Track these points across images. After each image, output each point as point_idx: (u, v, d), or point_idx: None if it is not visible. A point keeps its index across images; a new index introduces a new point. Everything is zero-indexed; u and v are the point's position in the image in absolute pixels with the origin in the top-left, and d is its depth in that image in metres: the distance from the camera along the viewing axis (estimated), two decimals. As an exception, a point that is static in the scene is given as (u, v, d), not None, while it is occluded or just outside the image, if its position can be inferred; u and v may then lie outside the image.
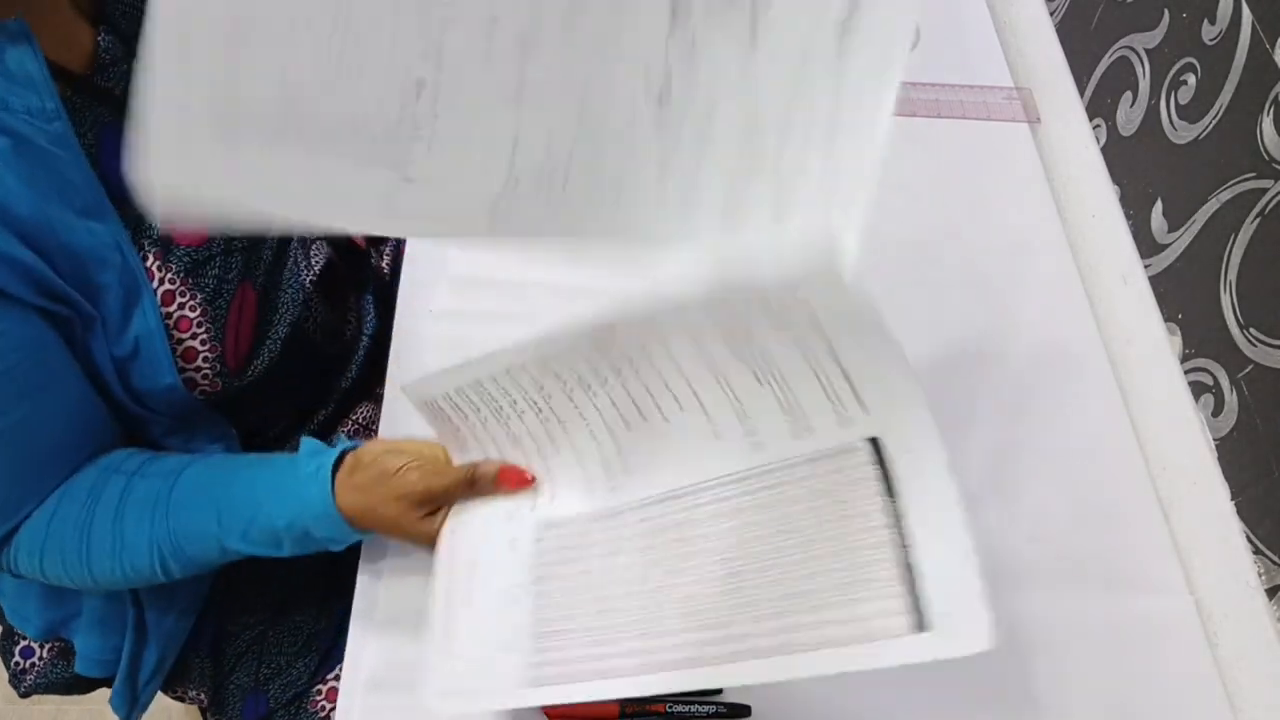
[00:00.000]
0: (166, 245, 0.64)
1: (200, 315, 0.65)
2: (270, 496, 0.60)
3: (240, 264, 0.68)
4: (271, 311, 0.72)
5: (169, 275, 0.64)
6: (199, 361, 0.65)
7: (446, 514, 0.61)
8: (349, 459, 0.61)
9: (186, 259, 0.65)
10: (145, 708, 0.77)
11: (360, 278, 0.92)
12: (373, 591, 0.65)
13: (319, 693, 0.77)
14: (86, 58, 0.61)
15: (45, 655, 0.80)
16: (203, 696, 0.79)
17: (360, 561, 0.66)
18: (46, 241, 0.55)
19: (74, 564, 0.61)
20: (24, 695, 0.81)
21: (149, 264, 0.62)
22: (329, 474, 0.59)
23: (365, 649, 0.62)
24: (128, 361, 0.62)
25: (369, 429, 0.87)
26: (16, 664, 0.81)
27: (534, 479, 0.59)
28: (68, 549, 0.60)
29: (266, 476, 0.61)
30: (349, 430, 0.86)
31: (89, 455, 0.63)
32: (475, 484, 0.60)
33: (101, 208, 0.59)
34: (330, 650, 0.78)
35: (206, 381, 0.66)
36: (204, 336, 0.65)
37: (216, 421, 0.72)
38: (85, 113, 0.59)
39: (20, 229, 0.54)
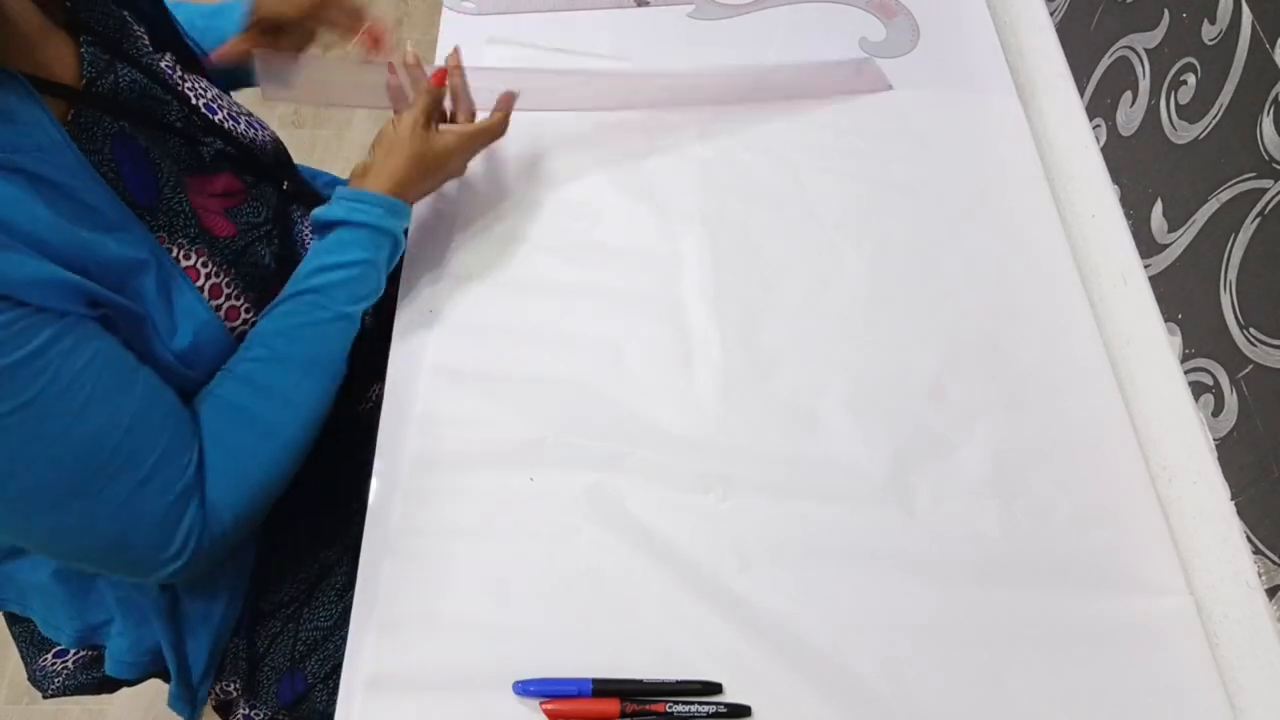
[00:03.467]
0: (210, 241, 0.66)
1: (245, 302, 0.67)
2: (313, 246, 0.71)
3: (274, 246, 0.71)
4: None
5: (214, 269, 0.65)
6: None
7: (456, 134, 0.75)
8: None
9: (228, 250, 0.67)
10: (205, 703, 0.76)
11: None
12: (373, 591, 0.65)
13: None
14: (75, 70, 0.61)
15: (73, 661, 0.80)
16: (234, 686, 0.78)
17: (360, 561, 0.66)
18: (84, 262, 0.56)
19: (261, 448, 0.64)
20: (49, 696, 0.80)
21: (193, 262, 0.64)
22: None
23: (365, 649, 0.62)
24: (191, 353, 0.63)
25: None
26: (42, 667, 0.80)
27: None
28: (250, 441, 0.63)
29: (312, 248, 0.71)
30: (374, 394, 0.86)
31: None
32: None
33: (127, 220, 0.60)
34: None
35: None
36: (252, 320, 0.68)
37: None
38: (94, 129, 0.59)
39: (58, 256, 0.54)
